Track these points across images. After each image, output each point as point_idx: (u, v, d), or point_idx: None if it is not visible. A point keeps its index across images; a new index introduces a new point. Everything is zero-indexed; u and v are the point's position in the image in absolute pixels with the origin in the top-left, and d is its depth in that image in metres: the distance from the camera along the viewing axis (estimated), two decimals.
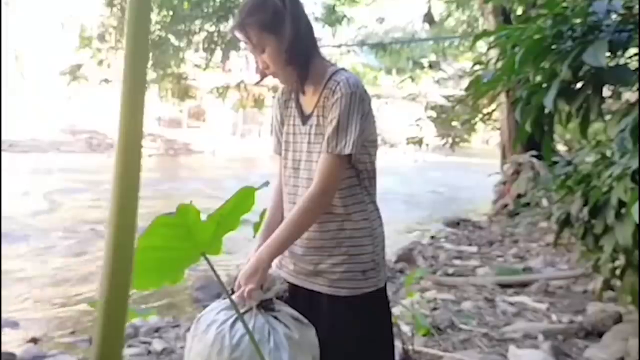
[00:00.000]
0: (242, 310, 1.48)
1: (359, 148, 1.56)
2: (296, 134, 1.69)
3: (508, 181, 9.67)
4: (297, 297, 1.63)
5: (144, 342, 3.59)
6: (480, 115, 12.21)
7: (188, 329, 3.78)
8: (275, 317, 1.50)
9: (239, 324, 1.46)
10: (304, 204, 1.55)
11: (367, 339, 1.64)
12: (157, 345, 3.50)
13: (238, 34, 1.61)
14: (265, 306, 1.50)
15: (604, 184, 2.46)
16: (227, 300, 1.60)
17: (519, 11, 9.65)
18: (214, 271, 1.13)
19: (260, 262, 1.53)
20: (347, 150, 1.53)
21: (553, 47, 2.42)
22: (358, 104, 1.54)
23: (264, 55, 1.59)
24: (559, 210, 3.20)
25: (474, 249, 6.72)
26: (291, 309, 1.55)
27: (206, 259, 1.10)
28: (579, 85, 2.50)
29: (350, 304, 1.61)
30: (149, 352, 3.43)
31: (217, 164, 18.13)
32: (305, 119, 1.66)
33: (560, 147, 9.81)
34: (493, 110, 9.29)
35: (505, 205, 9.44)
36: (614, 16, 2.27)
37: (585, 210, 3.00)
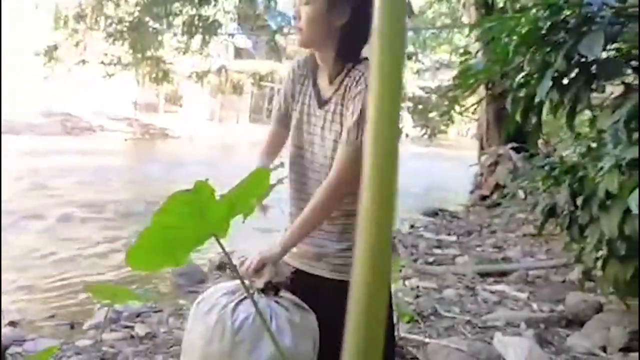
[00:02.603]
0: (245, 294, 1.47)
1: None
2: (310, 115, 1.66)
3: (485, 172, 9.78)
4: (297, 280, 1.62)
5: (127, 327, 3.55)
6: (459, 107, 12.33)
7: (171, 314, 3.79)
8: (277, 302, 1.49)
9: (241, 308, 1.45)
10: (324, 193, 1.54)
11: None
12: (140, 329, 3.47)
13: None
14: (269, 290, 1.49)
15: (597, 175, 2.50)
16: (227, 284, 1.59)
17: (501, 3, 9.75)
18: (226, 253, 1.11)
19: (279, 249, 1.55)
20: None
21: (547, 38, 2.44)
22: None
23: (307, 7, 1.54)
24: (545, 200, 3.24)
25: (452, 238, 6.78)
26: (292, 295, 1.54)
27: (217, 240, 1.08)
28: (571, 76, 2.53)
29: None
30: (132, 336, 3.40)
31: (195, 150, 17.98)
32: (322, 102, 1.63)
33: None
34: (477, 103, 9.37)
35: (483, 196, 9.55)
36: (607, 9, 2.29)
37: (570, 200, 3.04)
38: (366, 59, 1.59)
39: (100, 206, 7.97)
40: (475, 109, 9.66)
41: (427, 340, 3.00)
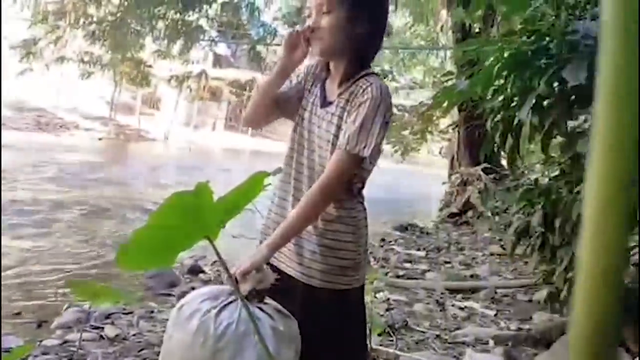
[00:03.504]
0: (229, 300, 1.48)
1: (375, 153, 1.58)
2: (312, 113, 1.69)
3: (455, 191, 9.96)
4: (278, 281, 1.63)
5: (96, 328, 3.51)
6: (433, 126, 12.53)
7: (141, 317, 3.76)
8: (260, 308, 1.50)
9: (225, 314, 1.46)
10: (312, 195, 1.56)
11: (335, 335, 1.65)
12: (110, 331, 3.43)
13: None
14: (253, 298, 1.50)
15: (572, 198, 2.57)
16: (208, 289, 1.59)
17: (477, 29, 9.96)
18: (219, 256, 1.12)
19: (266, 251, 1.55)
20: (366, 153, 1.54)
21: (530, 62, 2.51)
22: (384, 111, 1.56)
23: (328, 16, 1.57)
24: (517, 221, 3.32)
25: (422, 253, 6.86)
26: (274, 302, 1.55)
27: (211, 242, 1.09)
28: (551, 101, 2.61)
29: (323, 297, 1.63)
30: (102, 337, 3.36)
31: (169, 154, 17.85)
32: (325, 103, 1.67)
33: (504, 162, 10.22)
34: (453, 124, 9.56)
35: (452, 214, 9.70)
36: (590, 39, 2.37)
37: (543, 222, 3.12)
38: (375, 73, 1.65)
39: (69, 204, 7.86)
40: (453, 128, 9.84)
41: (398, 352, 3.03)
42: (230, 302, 1.49)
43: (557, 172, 3.49)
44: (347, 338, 1.67)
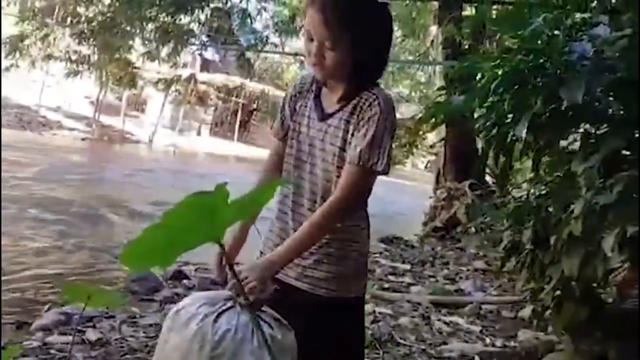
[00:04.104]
0: (227, 305, 1.46)
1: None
2: (310, 127, 1.66)
3: (440, 206, 10.01)
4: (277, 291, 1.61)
5: (78, 331, 3.44)
6: (420, 140, 12.65)
7: (123, 321, 3.70)
8: (259, 317, 1.48)
9: (222, 320, 1.43)
10: (327, 211, 1.54)
11: (337, 345, 1.64)
12: (91, 335, 3.37)
13: (314, 13, 1.50)
14: (253, 306, 1.47)
15: (565, 217, 2.59)
16: (205, 294, 1.56)
17: (466, 45, 10.08)
18: (227, 258, 1.10)
19: (275, 265, 1.53)
20: (381, 168, 1.53)
21: (527, 80, 2.53)
22: (392, 123, 1.56)
23: (333, 53, 1.52)
24: (507, 238, 3.33)
25: (407, 266, 6.86)
26: (271, 310, 1.53)
27: (221, 245, 1.07)
28: (545, 119, 2.62)
29: (326, 306, 1.62)
30: (83, 340, 3.30)
31: (153, 157, 17.72)
32: (324, 116, 1.64)
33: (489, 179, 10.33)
34: (443, 140, 9.66)
35: (437, 228, 9.73)
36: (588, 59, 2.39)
37: (533, 240, 3.14)
38: (377, 85, 1.63)
39: (47, 204, 7.75)
40: (442, 143, 9.93)
41: None
42: (228, 308, 1.47)
43: (544, 191, 3.51)
44: (351, 346, 1.68)
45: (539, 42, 2.58)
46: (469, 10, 10.35)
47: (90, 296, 1.48)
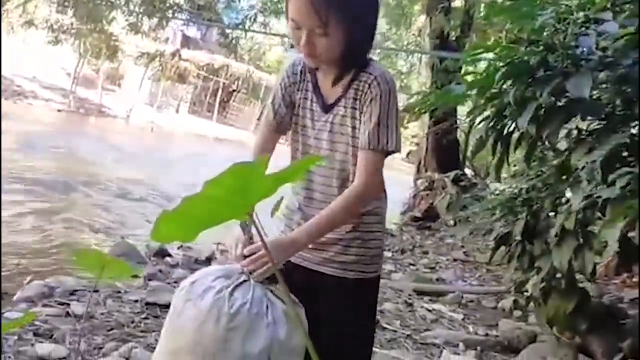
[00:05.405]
0: (241, 279, 1.45)
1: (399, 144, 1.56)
2: (314, 120, 1.63)
3: (420, 195, 10.10)
4: (294, 274, 1.60)
5: (61, 304, 3.40)
6: (402, 129, 12.66)
7: (108, 296, 3.65)
8: (272, 292, 1.47)
9: (237, 293, 1.42)
10: (348, 198, 1.53)
11: (361, 324, 1.68)
12: (76, 308, 3.32)
13: (298, 0, 1.44)
14: (266, 280, 1.47)
15: (557, 210, 2.63)
16: (218, 268, 1.55)
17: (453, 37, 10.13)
18: (259, 231, 1.08)
19: (297, 244, 1.52)
20: (392, 147, 1.53)
21: (534, 72, 2.54)
22: (394, 100, 1.54)
23: (324, 38, 1.46)
24: (498, 229, 3.37)
25: (387, 254, 6.90)
26: (284, 285, 1.52)
27: (252, 220, 1.05)
28: (549, 111, 2.64)
29: (355, 288, 1.63)
30: (68, 314, 3.25)
31: (129, 132, 17.47)
32: (327, 107, 1.60)
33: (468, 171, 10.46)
34: (431, 129, 9.73)
35: (415, 218, 9.82)
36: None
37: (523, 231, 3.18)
38: (372, 59, 1.59)
39: (18, 174, 7.59)
40: (435, 134, 9.98)
41: (375, 349, 3.03)
42: (242, 282, 1.46)
43: (533, 183, 3.55)
44: (371, 318, 1.75)
45: (546, 34, 2.59)
46: (458, 2, 10.38)
47: (104, 265, 1.45)
